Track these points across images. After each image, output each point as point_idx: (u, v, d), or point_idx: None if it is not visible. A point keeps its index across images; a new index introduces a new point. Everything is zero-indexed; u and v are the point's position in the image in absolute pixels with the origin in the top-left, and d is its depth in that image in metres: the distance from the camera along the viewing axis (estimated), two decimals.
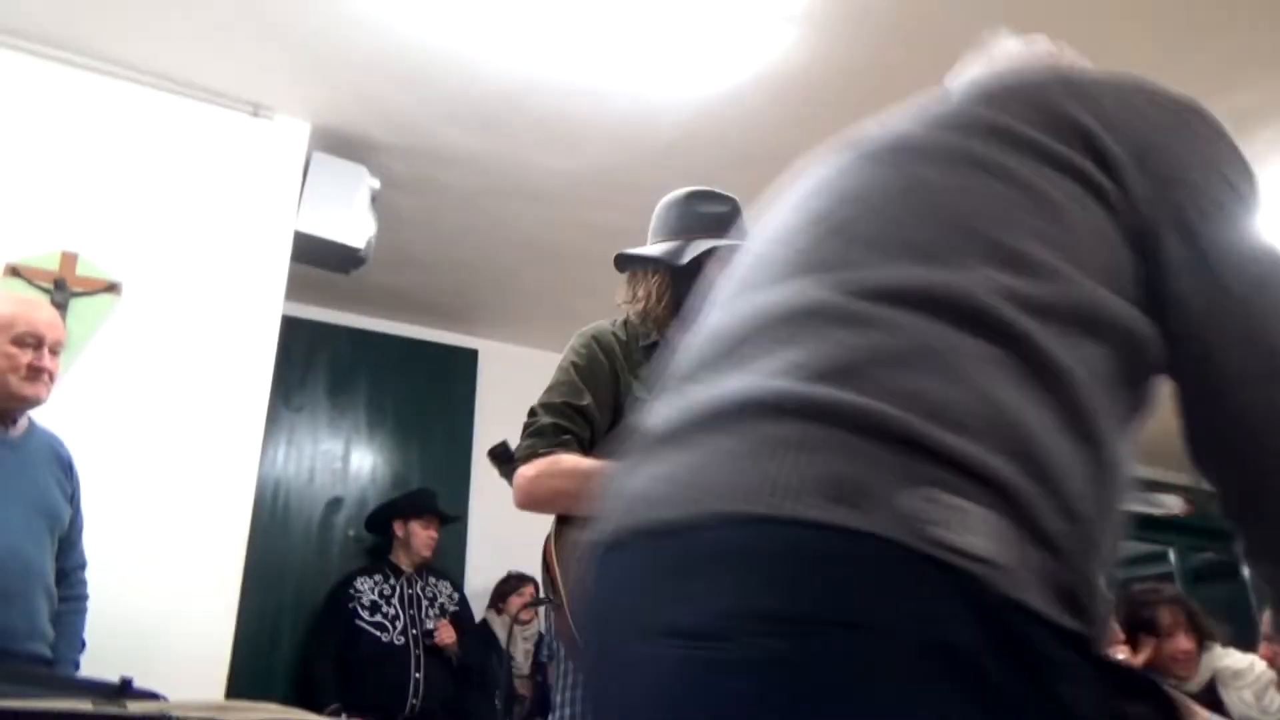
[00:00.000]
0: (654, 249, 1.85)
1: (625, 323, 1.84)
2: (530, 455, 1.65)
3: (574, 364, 1.74)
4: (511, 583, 4.12)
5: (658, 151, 3.40)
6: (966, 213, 0.68)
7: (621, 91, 3.09)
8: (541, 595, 1.71)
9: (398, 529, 3.99)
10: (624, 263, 1.92)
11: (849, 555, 0.53)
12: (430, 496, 4.11)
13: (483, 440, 4.69)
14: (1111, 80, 0.76)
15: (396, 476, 4.50)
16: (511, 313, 4.71)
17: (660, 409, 0.72)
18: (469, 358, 4.91)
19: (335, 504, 4.36)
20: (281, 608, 4.03)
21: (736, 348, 0.68)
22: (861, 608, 0.52)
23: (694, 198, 1.90)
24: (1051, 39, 1.13)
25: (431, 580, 3.96)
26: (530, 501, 1.64)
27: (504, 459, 1.71)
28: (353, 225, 3.20)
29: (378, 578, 3.84)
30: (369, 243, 3.29)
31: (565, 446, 1.65)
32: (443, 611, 3.87)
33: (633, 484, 0.68)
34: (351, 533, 4.29)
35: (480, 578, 4.35)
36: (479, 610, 4.16)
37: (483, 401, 4.81)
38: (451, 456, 4.60)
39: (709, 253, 1.77)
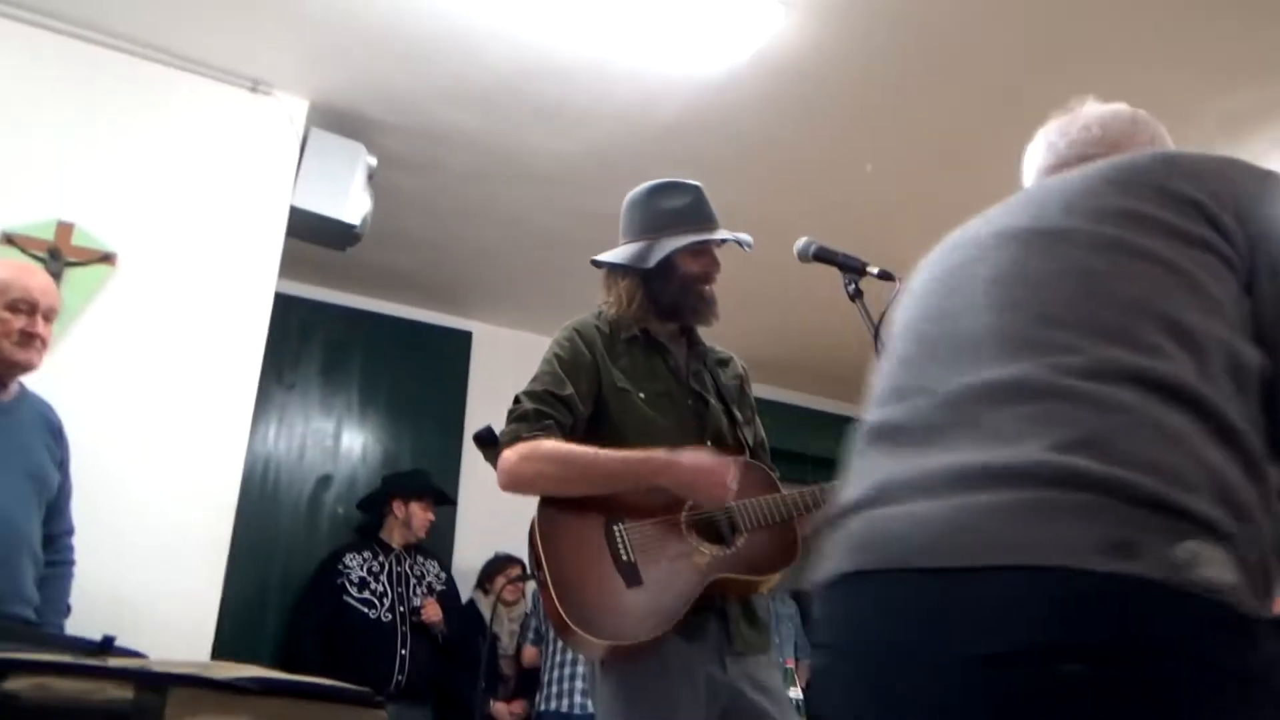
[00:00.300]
0: (622, 253, 1.94)
1: (608, 319, 1.93)
2: (514, 439, 1.73)
3: (557, 355, 1.83)
4: (498, 563, 4.15)
5: (655, 135, 3.41)
6: (1137, 296, 0.85)
7: (620, 73, 3.10)
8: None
9: (397, 509, 3.99)
10: (600, 266, 2.00)
11: (1130, 596, 0.71)
12: (429, 478, 4.13)
13: (474, 423, 4.71)
14: (1207, 159, 0.94)
15: (387, 456, 4.52)
16: (506, 296, 4.72)
17: (887, 460, 0.91)
18: (462, 340, 4.92)
19: (325, 481, 4.38)
20: (269, 581, 4.05)
21: (976, 417, 0.86)
22: (1147, 634, 0.71)
23: (656, 193, 1.98)
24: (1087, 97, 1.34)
25: (419, 559, 3.98)
26: (513, 483, 1.72)
27: (489, 443, 1.78)
28: (349, 202, 3.21)
29: (366, 554, 3.86)
30: (365, 220, 3.30)
31: (548, 431, 1.73)
32: (430, 590, 3.89)
33: (889, 526, 0.85)
34: (341, 510, 4.31)
35: (468, 558, 4.37)
36: (466, 591, 4.19)
37: (475, 384, 4.82)
38: (443, 438, 4.62)
39: (678, 248, 1.88)
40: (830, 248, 1.85)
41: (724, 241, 1.95)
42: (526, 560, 1.85)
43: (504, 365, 4.80)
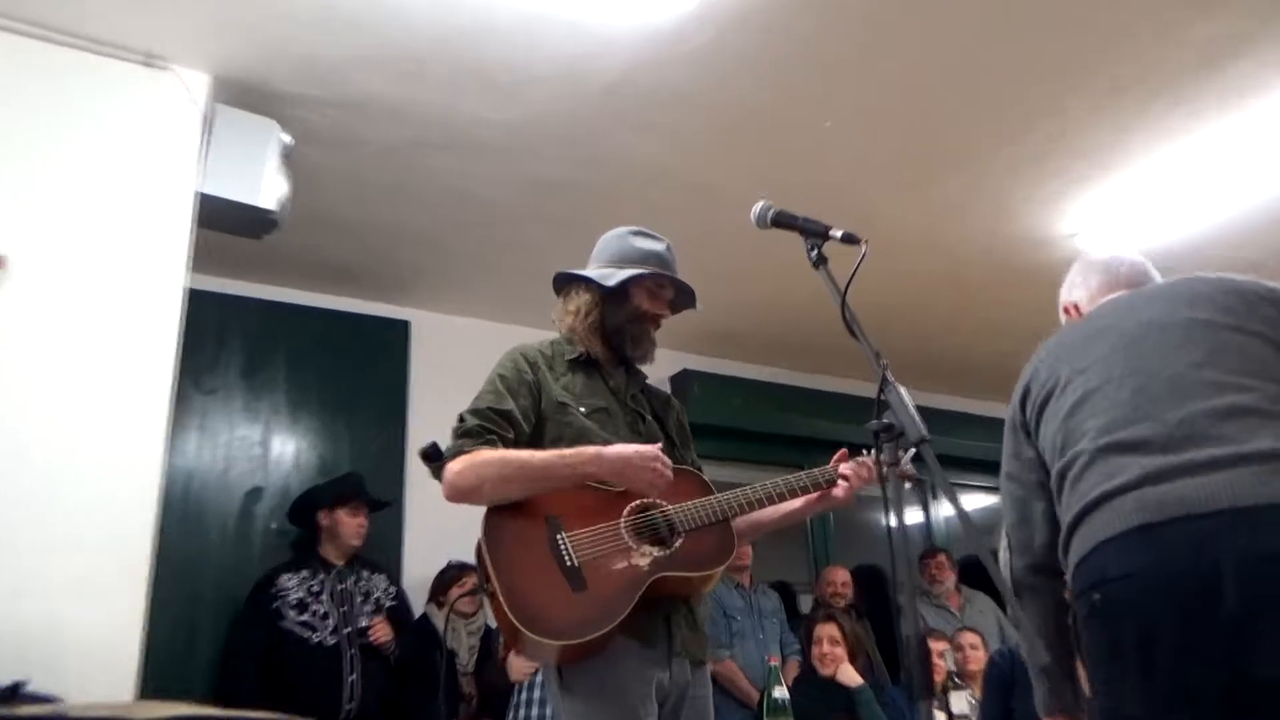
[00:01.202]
0: (584, 272, 2.24)
1: (552, 342, 2.23)
2: (457, 453, 1.97)
3: (500, 375, 2.11)
4: (451, 572, 4.14)
5: (598, 95, 3.40)
6: (1270, 361, 1.69)
7: (559, 28, 3.09)
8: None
9: (323, 519, 4.00)
10: (561, 282, 2.30)
11: None
12: (357, 481, 4.12)
13: (418, 419, 4.70)
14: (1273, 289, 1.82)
15: (323, 462, 4.50)
16: (446, 279, 4.70)
17: (1144, 459, 1.63)
18: (400, 330, 4.90)
19: (255, 494, 4.35)
20: (199, 608, 4.02)
21: (1207, 429, 1.60)
22: None
23: (633, 234, 2.29)
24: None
25: (365, 574, 3.97)
26: (457, 493, 1.95)
27: (433, 458, 1.99)
28: (263, 185, 3.17)
29: (304, 573, 3.85)
30: (282, 204, 3.26)
31: (489, 444, 1.97)
32: (378, 607, 3.89)
33: (1177, 493, 1.56)
34: (274, 525, 4.29)
35: (419, 569, 4.37)
36: (419, 605, 4.19)
37: (417, 377, 4.80)
38: (384, 438, 4.61)
39: (637, 280, 2.19)
40: (790, 211, 1.86)
41: (683, 293, 2.27)
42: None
43: (447, 355, 4.80)
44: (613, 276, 2.18)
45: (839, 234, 1.77)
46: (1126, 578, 1.56)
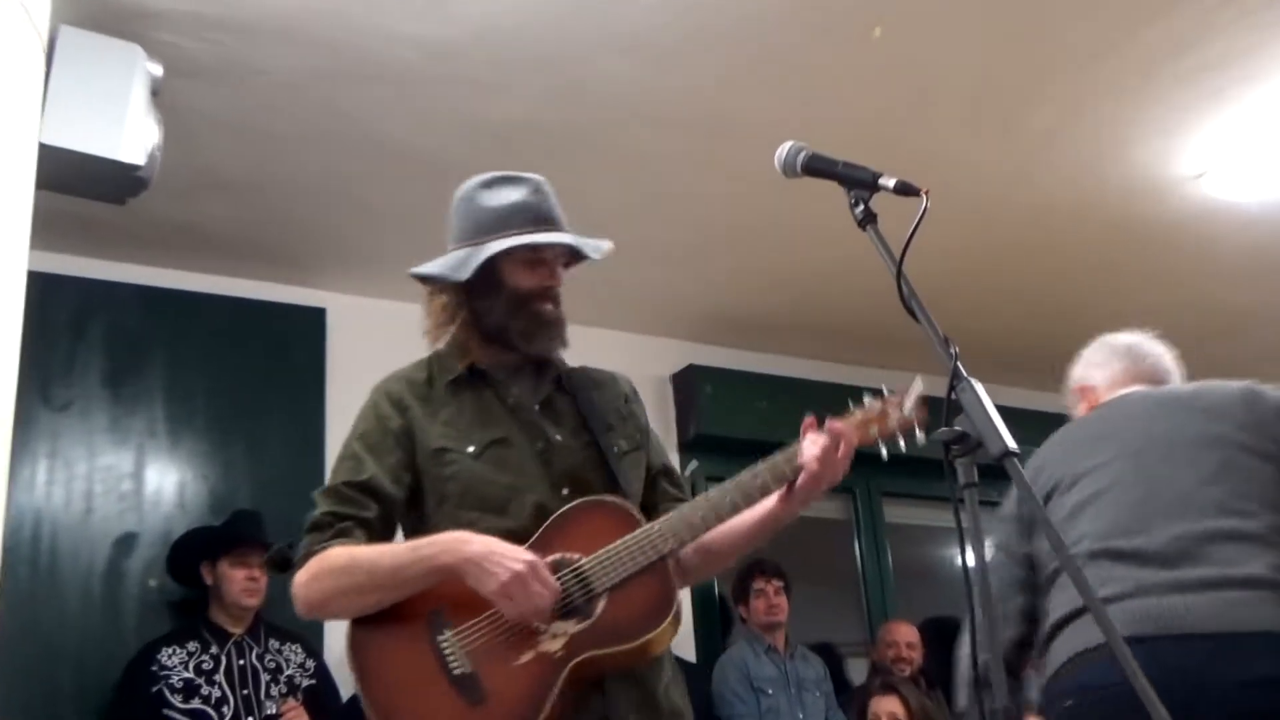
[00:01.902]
0: (439, 263, 2.19)
1: (431, 359, 2.22)
2: (305, 558, 2.01)
3: (357, 433, 2.15)
4: None
5: (568, 5, 3.38)
6: (1269, 485, 2.20)
7: None
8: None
9: (205, 574, 4.00)
10: (419, 280, 2.26)
11: None
12: (249, 521, 4.11)
13: (338, 432, 4.65)
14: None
15: (216, 497, 4.48)
16: (370, 254, 4.69)
17: (1136, 571, 2.11)
18: (312, 320, 4.89)
19: (127, 542, 4.33)
20: (57, 694, 4.00)
21: (1203, 548, 2.09)
22: None
23: (483, 188, 2.21)
24: None
25: (273, 645, 3.96)
26: (309, 610, 2.02)
27: (281, 566, 2.04)
28: (125, 133, 3.15)
29: (193, 646, 3.84)
30: (152, 157, 3.24)
31: (344, 535, 2.02)
32: (291, 687, 3.89)
33: (1160, 609, 2.03)
34: (153, 583, 4.27)
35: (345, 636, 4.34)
36: (347, 684, 4.17)
37: (335, 379, 4.80)
38: (295, 460, 4.59)
39: (504, 255, 2.11)
40: (827, 155, 1.85)
41: (571, 251, 2.19)
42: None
43: (374, 350, 4.71)
44: (465, 263, 2.12)
45: (891, 183, 1.75)
46: (1103, 689, 1.95)
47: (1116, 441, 2.20)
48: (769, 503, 2.08)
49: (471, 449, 2.08)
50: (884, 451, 2.09)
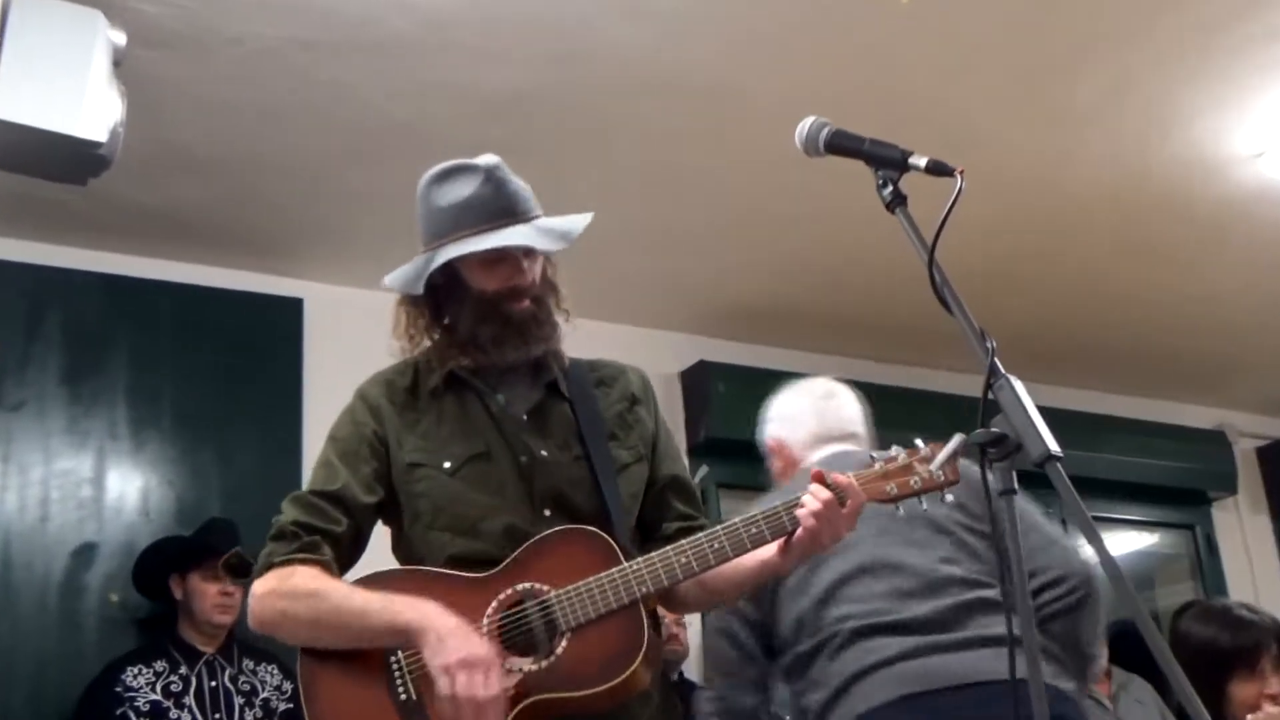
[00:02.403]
0: (398, 275, 2.23)
1: (417, 362, 2.26)
2: (265, 568, 2.06)
3: (332, 437, 2.21)
4: None
5: None
6: (991, 558, 2.61)
7: None
8: None
9: (175, 587, 4.00)
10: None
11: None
12: (222, 531, 4.11)
13: (317, 433, 4.64)
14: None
15: (183, 504, 4.48)
16: (352, 238, 4.69)
17: (902, 640, 2.44)
18: (289, 311, 4.89)
19: (86, 553, 4.32)
20: (10, 718, 4.00)
21: (957, 617, 2.48)
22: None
23: (434, 184, 2.22)
24: None
25: (248, 665, 3.97)
26: (260, 624, 2.05)
27: (239, 572, 2.12)
28: (84, 107, 3.14)
29: (160, 666, 3.84)
30: (114, 134, 3.24)
31: (311, 550, 2.06)
32: (267, 711, 3.89)
33: (927, 668, 2.40)
34: (115, 598, 4.27)
35: None
36: None
37: (314, 376, 4.80)
38: (270, 464, 4.59)
39: (459, 259, 2.13)
40: (852, 132, 1.85)
41: (527, 251, 2.18)
42: None
43: (356, 344, 4.72)
44: (424, 270, 2.15)
45: (923, 162, 1.76)
46: None
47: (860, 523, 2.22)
48: (769, 550, 2.07)
49: (448, 464, 2.12)
50: (900, 510, 2.09)
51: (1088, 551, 2.52)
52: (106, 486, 4.44)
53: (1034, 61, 3.93)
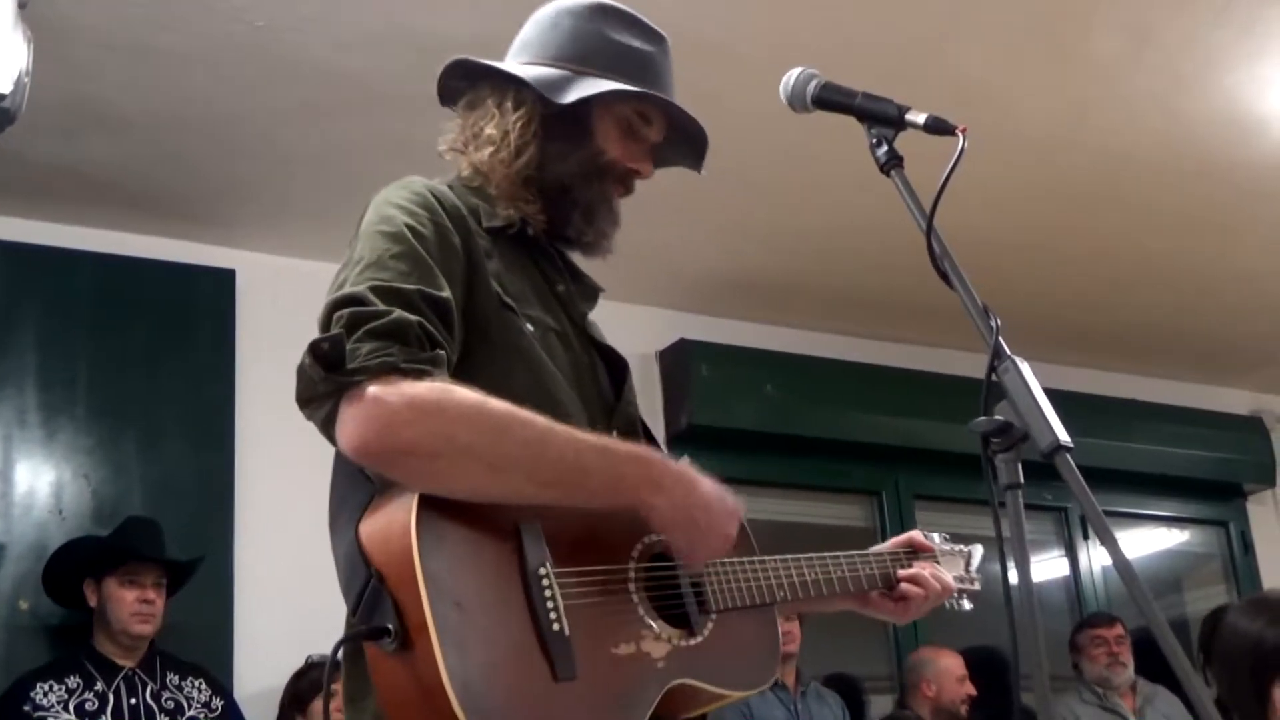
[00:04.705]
0: (522, 69, 1.98)
1: (453, 186, 1.91)
2: (388, 369, 1.58)
3: (410, 228, 1.73)
4: (314, 674, 4.13)
5: None
6: None
7: None
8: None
9: (89, 594, 3.99)
10: (465, 80, 2.04)
11: None
12: (142, 531, 4.11)
13: (250, 421, 4.68)
14: None
15: (101, 501, 4.48)
16: (288, 202, 4.69)
17: None
18: (221, 283, 4.89)
19: None
20: None
21: None
22: None
23: (608, 16, 2.04)
24: None
25: (171, 680, 3.97)
26: (397, 454, 1.58)
27: (335, 365, 1.58)
28: None
29: (74, 682, 3.85)
30: (20, 84, 3.22)
31: (440, 367, 1.63)
32: None
33: None
34: (24, 606, 4.26)
35: (261, 668, 4.37)
36: None
37: (247, 356, 4.81)
38: (197, 455, 4.60)
39: (609, 100, 1.95)
40: (843, 85, 1.85)
41: (680, 136, 2.09)
42: (363, 605, 1.57)
43: (294, 321, 4.70)
44: (568, 86, 1.94)
45: (921, 119, 1.76)
46: None
47: None
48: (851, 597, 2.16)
49: (531, 326, 1.82)
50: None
51: (1103, 553, 2.50)
52: (14, 480, 4.43)
53: (1044, 7, 3.93)
